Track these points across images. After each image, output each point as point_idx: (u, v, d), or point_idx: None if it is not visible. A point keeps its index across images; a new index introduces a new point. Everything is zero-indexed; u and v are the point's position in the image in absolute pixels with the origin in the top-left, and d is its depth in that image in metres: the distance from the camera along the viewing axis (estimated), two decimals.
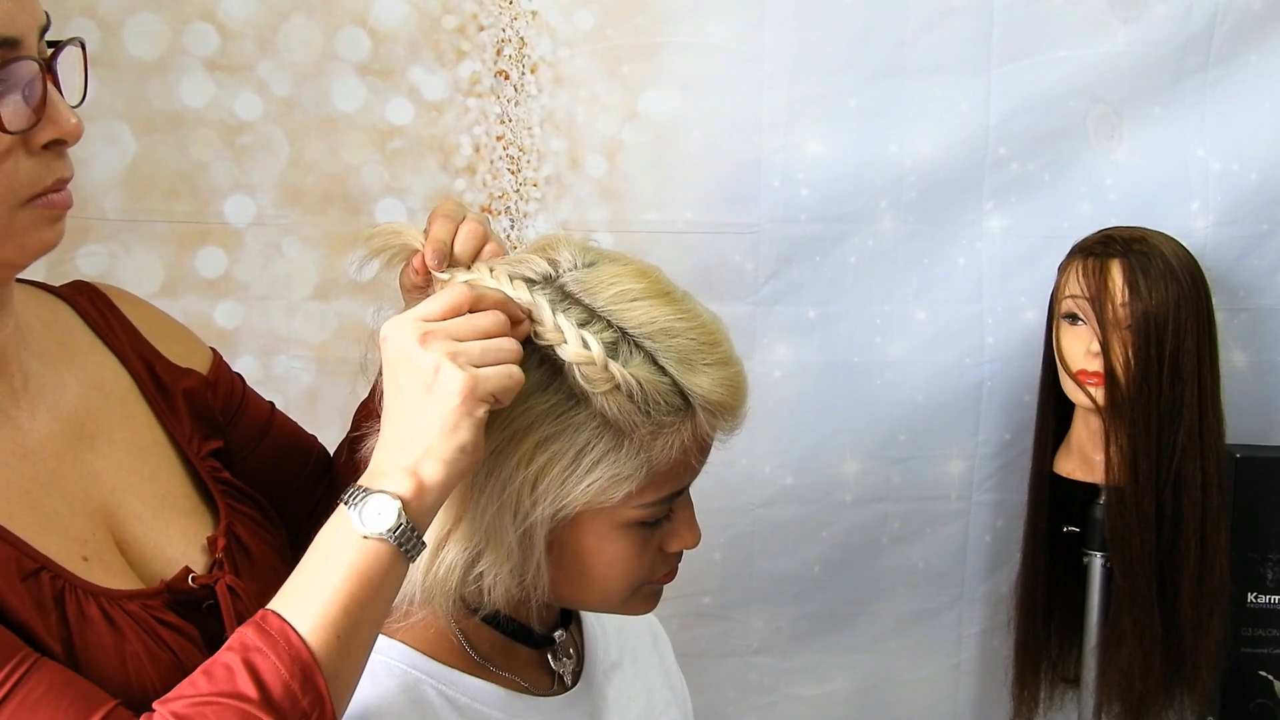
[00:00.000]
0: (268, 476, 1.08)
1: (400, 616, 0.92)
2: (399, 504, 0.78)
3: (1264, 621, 1.63)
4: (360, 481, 0.81)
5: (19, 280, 0.94)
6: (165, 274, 1.59)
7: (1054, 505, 1.64)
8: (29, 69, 0.81)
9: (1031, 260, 1.66)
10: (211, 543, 0.96)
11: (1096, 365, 1.51)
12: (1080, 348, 1.53)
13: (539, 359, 0.84)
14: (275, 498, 1.07)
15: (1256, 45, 1.63)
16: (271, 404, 1.15)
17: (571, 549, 0.88)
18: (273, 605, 0.80)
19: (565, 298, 0.85)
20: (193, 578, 0.92)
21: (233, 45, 1.55)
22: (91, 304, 1.00)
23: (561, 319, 0.83)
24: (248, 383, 1.13)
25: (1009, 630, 1.70)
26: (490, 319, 0.82)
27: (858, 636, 1.78)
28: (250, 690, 0.75)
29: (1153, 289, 1.47)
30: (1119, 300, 1.49)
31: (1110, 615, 1.59)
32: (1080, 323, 1.53)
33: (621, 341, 0.84)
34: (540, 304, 0.84)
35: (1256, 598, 1.62)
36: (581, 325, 0.83)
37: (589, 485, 0.83)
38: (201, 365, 1.07)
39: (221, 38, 1.55)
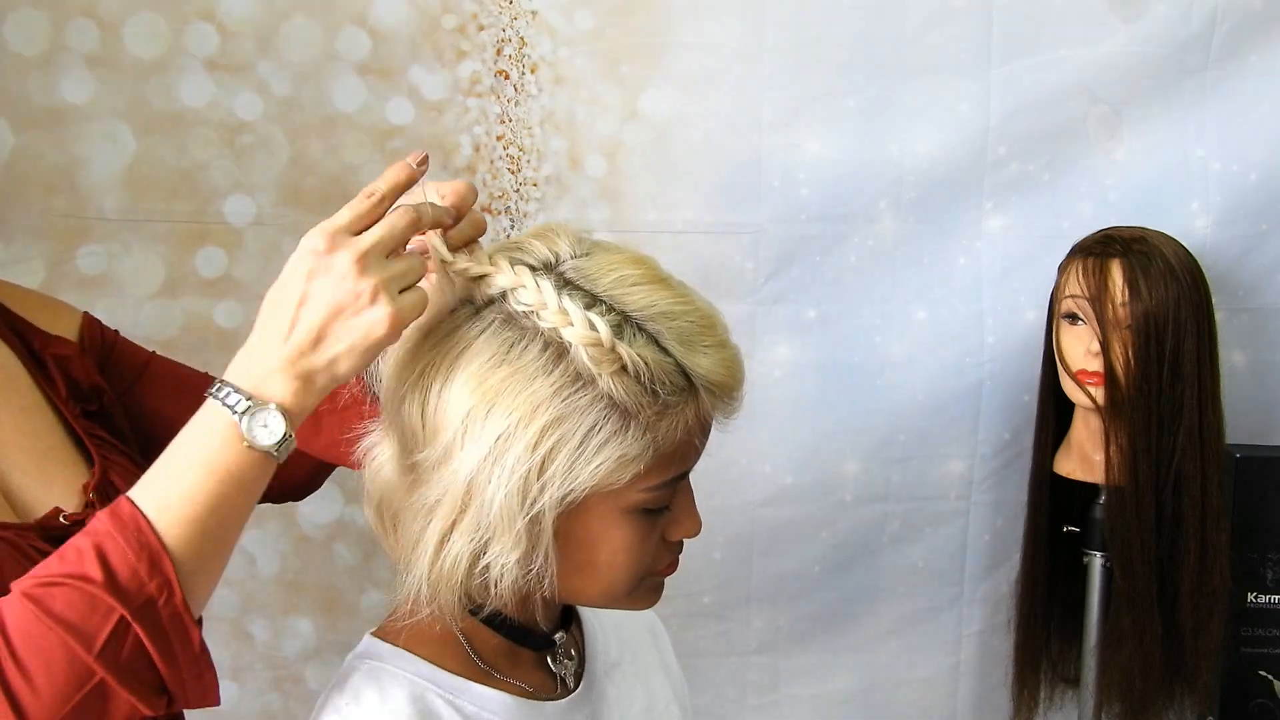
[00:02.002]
0: (164, 415, 1.11)
1: (405, 615, 0.93)
2: (286, 418, 0.82)
3: (1264, 621, 1.63)
4: (241, 384, 0.83)
5: None
6: (165, 274, 1.59)
7: (1054, 505, 1.64)
8: None
9: (1031, 260, 1.66)
10: (86, 488, 1.01)
11: (1096, 365, 1.51)
12: (1080, 347, 1.53)
13: (543, 343, 0.84)
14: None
15: (1256, 45, 1.64)
16: (152, 352, 1.21)
17: (578, 538, 0.87)
18: (131, 493, 0.83)
19: (566, 284, 0.86)
20: (64, 515, 0.98)
21: (233, 45, 1.55)
22: None
23: (567, 302, 0.83)
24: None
25: (1009, 630, 1.71)
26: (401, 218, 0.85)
27: (858, 636, 1.78)
28: (96, 573, 0.79)
29: (1153, 289, 1.48)
30: (1119, 300, 1.49)
31: (1110, 615, 1.59)
32: (1080, 322, 1.53)
33: (625, 324, 0.84)
34: (545, 288, 0.84)
35: (1256, 598, 1.62)
36: (586, 309, 0.84)
37: (597, 467, 0.83)
38: (70, 329, 1.13)
39: (221, 38, 1.54)
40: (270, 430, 0.82)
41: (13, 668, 0.79)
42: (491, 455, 0.83)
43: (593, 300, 0.85)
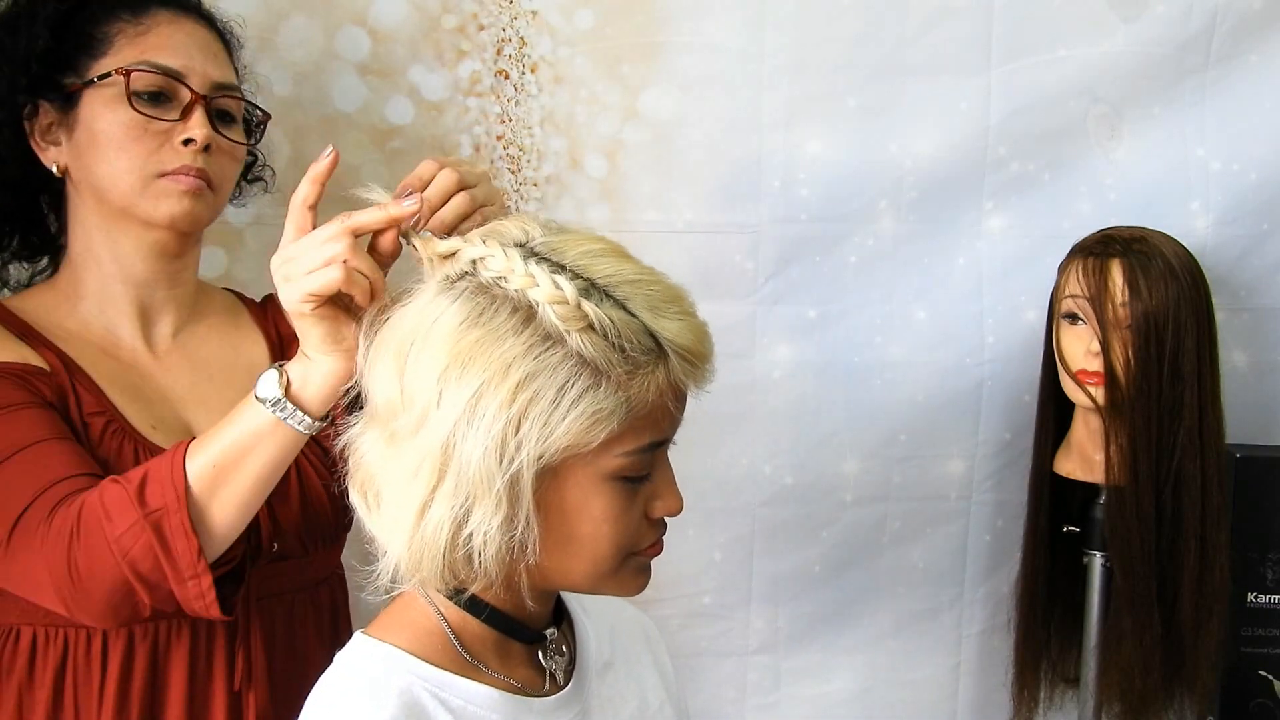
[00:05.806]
0: None
1: (385, 590, 0.93)
2: (283, 377, 1.02)
3: (1264, 621, 1.63)
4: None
5: (229, 290, 1.42)
6: None
7: (1054, 505, 1.64)
8: (187, 93, 1.20)
9: (1031, 260, 1.66)
10: None
11: (1096, 365, 1.51)
12: (1080, 347, 1.53)
13: (512, 307, 0.86)
14: None
15: (1256, 45, 1.63)
16: None
17: (559, 508, 0.88)
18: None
19: (533, 255, 0.89)
20: None
21: None
22: (263, 310, 1.39)
23: (533, 267, 0.87)
24: None
25: (1009, 630, 1.70)
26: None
27: (858, 636, 1.78)
28: (136, 481, 1.05)
29: (1153, 289, 1.48)
30: (1119, 300, 1.49)
31: (1110, 615, 1.59)
32: (1080, 322, 1.53)
33: (592, 289, 0.87)
34: (513, 256, 0.88)
35: (1256, 598, 1.62)
36: (552, 275, 0.87)
37: (571, 423, 0.85)
38: None
39: None
40: (267, 385, 1.03)
41: (75, 541, 1.03)
42: (466, 414, 0.85)
43: (559, 269, 0.88)
